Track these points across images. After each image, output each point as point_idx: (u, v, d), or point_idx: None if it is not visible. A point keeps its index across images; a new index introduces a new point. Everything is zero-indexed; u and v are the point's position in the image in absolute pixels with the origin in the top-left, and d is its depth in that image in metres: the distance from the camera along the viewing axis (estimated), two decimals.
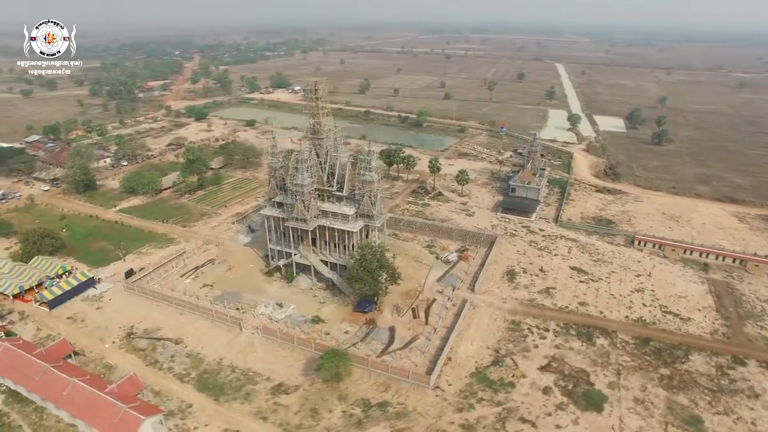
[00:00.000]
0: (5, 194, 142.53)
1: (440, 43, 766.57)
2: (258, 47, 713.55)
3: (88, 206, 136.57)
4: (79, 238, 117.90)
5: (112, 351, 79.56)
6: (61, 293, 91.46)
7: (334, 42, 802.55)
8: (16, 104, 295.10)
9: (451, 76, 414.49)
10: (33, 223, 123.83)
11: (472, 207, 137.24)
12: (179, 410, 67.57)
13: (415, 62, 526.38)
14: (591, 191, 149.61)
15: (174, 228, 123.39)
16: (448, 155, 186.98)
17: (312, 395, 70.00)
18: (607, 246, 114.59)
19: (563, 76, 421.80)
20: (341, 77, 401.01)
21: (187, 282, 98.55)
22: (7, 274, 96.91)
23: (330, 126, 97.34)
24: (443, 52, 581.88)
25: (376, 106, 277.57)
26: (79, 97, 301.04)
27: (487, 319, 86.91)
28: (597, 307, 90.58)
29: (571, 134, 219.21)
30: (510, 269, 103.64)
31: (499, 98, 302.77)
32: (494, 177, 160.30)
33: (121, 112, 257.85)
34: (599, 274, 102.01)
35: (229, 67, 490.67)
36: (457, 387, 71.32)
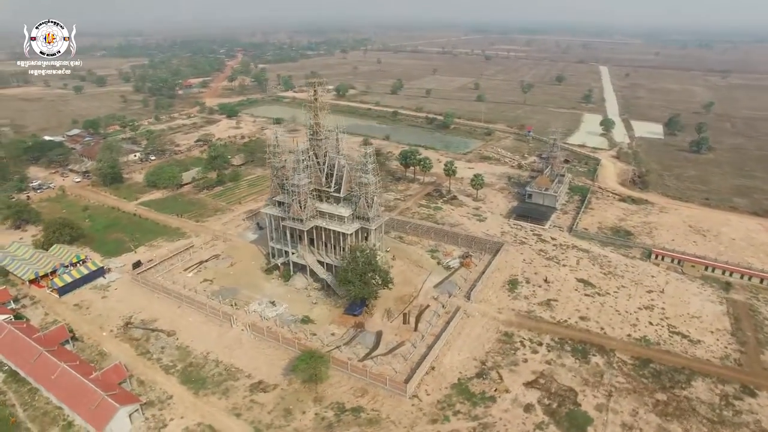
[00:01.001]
0: (41, 184, 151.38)
1: (483, 44, 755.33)
2: (300, 46, 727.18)
3: (113, 198, 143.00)
4: (99, 228, 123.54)
5: (109, 339, 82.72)
6: (72, 281, 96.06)
7: (377, 42, 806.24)
8: (68, 99, 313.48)
9: (488, 77, 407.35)
10: (61, 212, 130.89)
11: (484, 212, 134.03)
12: (159, 401, 69.39)
13: (454, 63, 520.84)
14: (613, 200, 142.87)
15: (187, 222, 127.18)
16: (470, 158, 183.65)
17: (288, 395, 70.21)
18: (621, 258, 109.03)
19: (605, 79, 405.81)
20: (377, 77, 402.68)
21: (190, 276, 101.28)
22: (27, 260, 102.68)
23: (331, 127, 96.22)
24: (483, 53, 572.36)
25: (406, 106, 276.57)
26: (124, 93, 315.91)
27: (479, 329, 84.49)
28: (598, 323, 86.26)
29: (602, 140, 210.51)
30: (512, 278, 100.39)
31: (534, 101, 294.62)
32: (512, 182, 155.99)
33: (159, 108, 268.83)
34: (607, 288, 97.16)
35: (270, 65, 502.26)
36: (436, 397, 69.65)
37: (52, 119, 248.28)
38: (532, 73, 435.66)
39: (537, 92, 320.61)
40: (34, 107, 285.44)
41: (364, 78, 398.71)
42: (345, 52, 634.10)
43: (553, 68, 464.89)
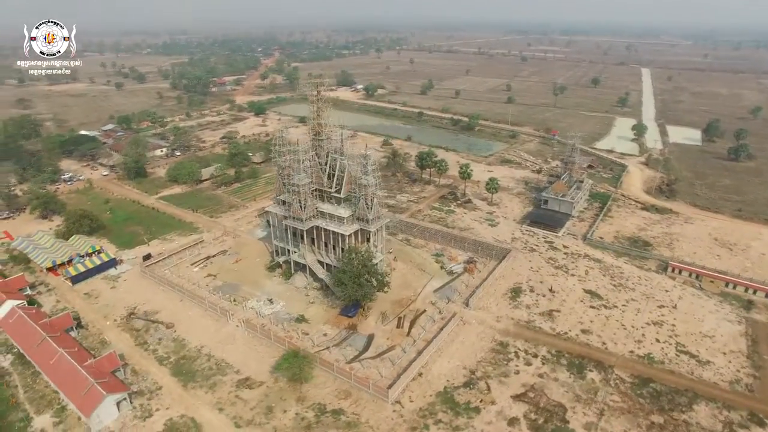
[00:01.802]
0: (71, 177, 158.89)
1: (521, 45, 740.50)
2: (336, 45, 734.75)
3: (135, 192, 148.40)
4: (118, 221, 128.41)
5: (112, 328, 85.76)
6: (85, 270, 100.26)
7: (413, 41, 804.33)
8: (109, 95, 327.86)
9: (521, 79, 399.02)
10: (86, 204, 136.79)
11: (498, 217, 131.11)
12: (149, 391, 71.35)
13: (489, 64, 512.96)
14: (635, 208, 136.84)
15: (201, 218, 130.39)
16: (490, 161, 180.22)
17: (273, 393, 70.75)
18: (634, 270, 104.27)
19: (645, 82, 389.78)
20: (408, 77, 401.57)
21: (196, 270, 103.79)
22: (47, 249, 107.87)
23: (332, 127, 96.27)
24: (520, 54, 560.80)
25: (432, 107, 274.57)
26: (161, 90, 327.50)
27: (473, 337, 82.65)
28: (600, 337, 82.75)
29: (633, 145, 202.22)
30: (516, 286, 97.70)
31: (565, 104, 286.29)
32: (530, 187, 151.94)
33: (191, 105, 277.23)
34: (615, 301, 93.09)
35: (305, 64, 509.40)
36: (419, 405, 68.55)
37: (91, 114, 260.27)
38: (567, 75, 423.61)
39: (570, 95, 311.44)
40: (77, 102, 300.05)
41: (396, 78, 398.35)
42: (379, 52, 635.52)
43: (590, 70, 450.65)
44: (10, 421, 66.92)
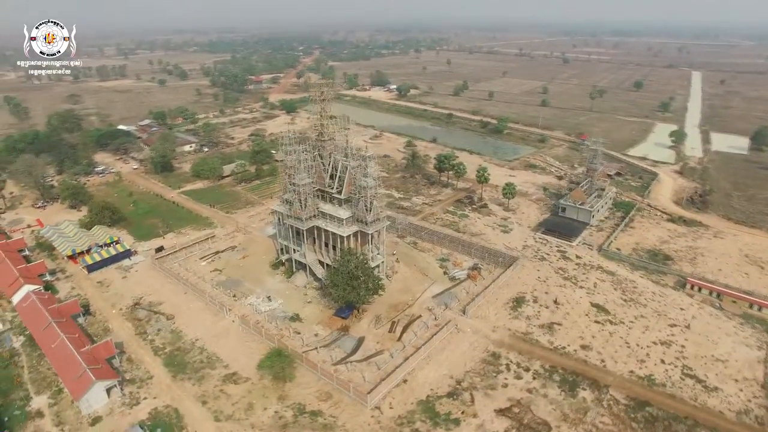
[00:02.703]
0: (104, 169, 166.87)
1: (566, 46, 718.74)
2: (377, 45, 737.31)
3: (159, 186, 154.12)
4: (140, 213, 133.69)
5: (117, 316, 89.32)
6: (100, 260, 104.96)
7: (454, 41, 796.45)
8: (152, 91, 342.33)
9: (560, 81, 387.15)
10: (112, 196, 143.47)
11: (512, 223, 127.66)
12: (140, 380, 73.85)
13: (528, 65, 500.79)
14: (661, 219, 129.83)
15: (218, 213, 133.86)
16: (514, 166, 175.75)
17: (256, 390, 71.62)
18: (649, 285, 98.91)
19: (694, 86, 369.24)
20: (444, 78, 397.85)
21: (203, 264, 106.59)
22: (70, 238, 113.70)
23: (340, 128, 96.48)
24: (562, 56, 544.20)
25: (463, 109, 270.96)
26: (200, 87, 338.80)
27: (465, 346, 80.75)
28: (600, 354, 78.96)
29: (670, 153, 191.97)
30: (520, 296, 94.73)
31: (602, 108, 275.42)
32: (551, 193, 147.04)
33: (226, 102, 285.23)
34: (623, 317, 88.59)
35: (343, 63, 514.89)
36: (398, 412, 67.62)
37: (132, 110, 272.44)
38: (609, 78, 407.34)
39: (608, 98, 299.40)
40: (121, 98, 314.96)
41: (432, 78, 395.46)
42: (418, 52, 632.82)
43: (636, 73, 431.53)
44: (12, 399, 70.86)
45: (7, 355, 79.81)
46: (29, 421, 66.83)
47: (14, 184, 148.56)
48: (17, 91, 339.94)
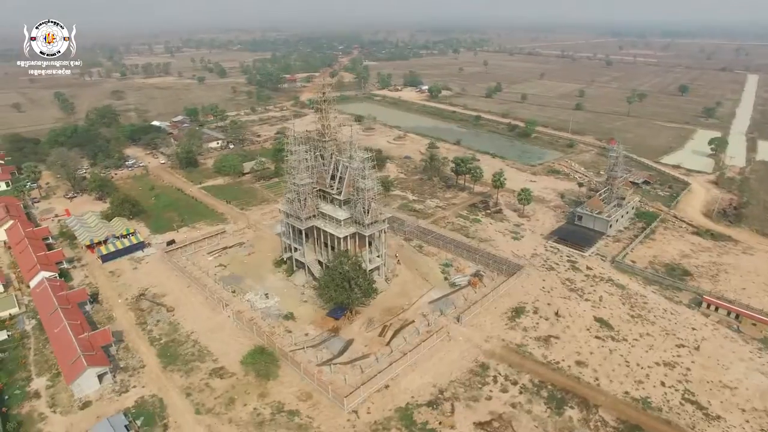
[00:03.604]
0: (134, 163, 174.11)
1: (612, 48, 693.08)
2: (416, 45, 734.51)
3: (182, 180, 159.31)
4: (160, 206, 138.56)
5: (121, 306, 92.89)
6: (114, 250, 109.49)
7: (495, 43, 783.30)
8: (191, 88, 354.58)
9: (600, 84, 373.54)
10: (136, 189, 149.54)
11: (524, 230, 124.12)
12: (132, 368, 76.43)
13: (569, 68, 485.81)
14: (685, 232, 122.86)
15: (233, 209, 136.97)
16: (536, 171, 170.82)
17: (239, 386, 72.68)
18: (661, 302, 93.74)
19: (748, 91, 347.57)
20: (479, 79, 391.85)
21: (210, 259, 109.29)
22: (91, 228, 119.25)
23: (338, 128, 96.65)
24: (606, 58, 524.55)
25: (493, 111, 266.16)
26: (236, 85, 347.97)
27: (455, 355, 79.06)
28: (596, 372, 75.47)
29: (708, 161, 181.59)
30: (520, 306, 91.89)
31: (641, 113, 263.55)
32: (570, 200, 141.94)
33: (259, 100, 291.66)
34: (627, 334, 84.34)
35: (380, 63, 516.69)
36: (375, 418, 66.94)
37: (170, 106, 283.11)
38: (653, 82, 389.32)
39: (649, 103, 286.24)
40: (161, 94, 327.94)
41: (467, 80, 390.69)
42: (456, 53, 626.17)
43: (684, 76, 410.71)
44: (16, 379, 74.86)
45: (18, 337, 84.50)
46: (26, 401, 70.43)
47: (51, 175, 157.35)
48: (70, 87, 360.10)
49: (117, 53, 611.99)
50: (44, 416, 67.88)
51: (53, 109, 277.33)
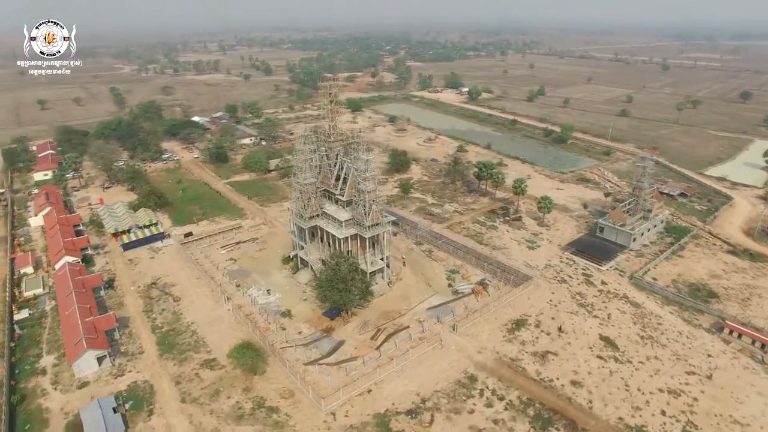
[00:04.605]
0: (169, 156, 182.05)
1: (672, 51, 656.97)
2: (464, 46, 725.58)
3: (211, 175, 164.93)
4: (185, 199, 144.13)
5: (133, 293, 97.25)
6: (135, 240, 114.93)
7: (546, 45, 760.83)
8: (236, 85, 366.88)
9: (651, 90, 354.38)
10: (167, 182, 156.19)
11: (542, 240, 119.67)
12: (131, 354, 79.87)
13: (622, 72, 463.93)
14: (718, 250, 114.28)
15: (253, 205, 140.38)
16: (565, 178, 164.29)
17: (227, 378, 74.31)
18: (678, 324, 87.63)
19: None
20: (523, 82, 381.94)
21: (222, 253, 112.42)
22: (118, 217, 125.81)
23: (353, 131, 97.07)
24: (663, 62, 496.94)
25: (531, 115, 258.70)
26: (279, 83, 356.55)
27: (444, 364, 77.28)
28: (591, 394, 71.53)
29: (761, 174, 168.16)
30: (522, 318, 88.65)
31: (693, 120, 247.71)
32: (594, 210, 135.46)
33: (300, 98, 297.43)
34: (632, 355, 79.45)
35: (424, 64, 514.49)
36: (352, 422, 66.51)
37: (213, 102, 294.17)
38: (713, 88, 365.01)
39: (703, 110, 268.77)
40: (208, 91, 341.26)
41: (511, 82, 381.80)
42: (504, 55, 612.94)
43: (750, 82, 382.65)
44: (28, 355, 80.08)
45: (38, 316, 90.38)
46: (33, 377, 75.13)
47: (92, 166, 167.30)
48: (127, 83, 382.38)
49: (174, 51, 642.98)
50: (46, 392, 72.18)
51: (108, 103, 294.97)
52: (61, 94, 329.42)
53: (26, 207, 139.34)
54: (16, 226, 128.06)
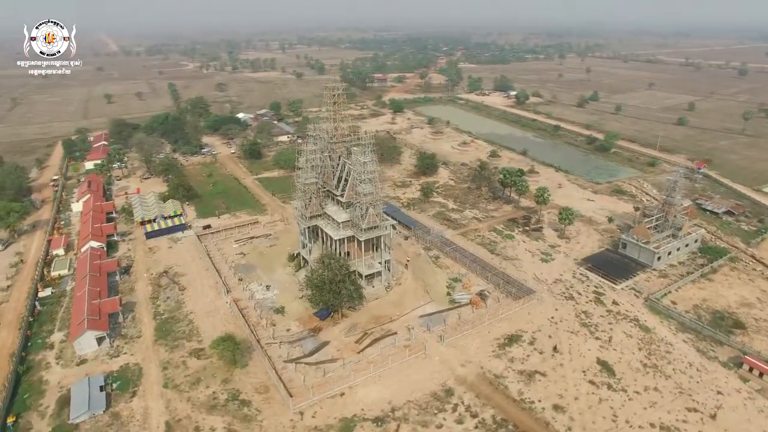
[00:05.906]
0: (207, 150, 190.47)
1: (755, 55, 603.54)
2: (522, 49, 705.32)
3: (243, 170, 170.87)
4: (213, 193, 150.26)
5: (144, 280, 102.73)
6: (158, 229, 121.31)
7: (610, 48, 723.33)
8: (287, 83, 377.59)
9: (721, 97, 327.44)
10: (200, 175, 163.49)
11: (558, 253, 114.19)
12: (129, 337, 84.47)
13: (690, 77, 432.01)
14: (758, 276, 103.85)
15: (275, 201, 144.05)
16: (599, 189, 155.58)
17: (209, 368, 76.78)
18: (690, 354, 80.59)
19: None
20: (577, 87, 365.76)
21: (234, 247, 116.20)
22: (148, 206, 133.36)
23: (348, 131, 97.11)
24: (742, 66, 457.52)
25: (576, 122, 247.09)
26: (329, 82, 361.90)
27: (423, 374, 75.69)
28: (573, 421, 67.40)
29: None
30: (517, 334, 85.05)
31: (761, 132, 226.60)
32: (621, 224, 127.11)
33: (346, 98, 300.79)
34: (629, 383, 74.01)
35: (480, 66, 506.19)
36: (317, 423, 66.68)
37: (262, 99, 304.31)
38: None
39: None
40: (260, 88, 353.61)
41: (565, 87, 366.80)
42: (562, 58, 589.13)
43: None
44: (42, 330, 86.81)
45: (59, 295, 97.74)
46: (42, 350, 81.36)
47: (137, 157, 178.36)
48: (187, 78, 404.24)
49: (237, 49, 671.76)
50: (49, 365, 77.94)
51: (166, 98, 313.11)
52: (128, 89, 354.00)
53: (72, 193, 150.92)
54: (60, 211, 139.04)
